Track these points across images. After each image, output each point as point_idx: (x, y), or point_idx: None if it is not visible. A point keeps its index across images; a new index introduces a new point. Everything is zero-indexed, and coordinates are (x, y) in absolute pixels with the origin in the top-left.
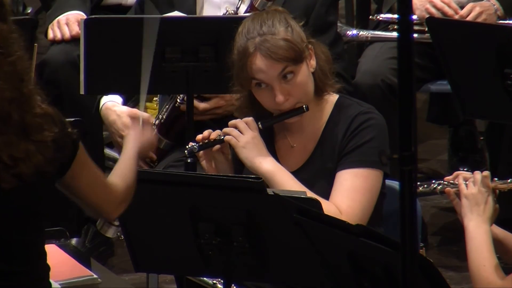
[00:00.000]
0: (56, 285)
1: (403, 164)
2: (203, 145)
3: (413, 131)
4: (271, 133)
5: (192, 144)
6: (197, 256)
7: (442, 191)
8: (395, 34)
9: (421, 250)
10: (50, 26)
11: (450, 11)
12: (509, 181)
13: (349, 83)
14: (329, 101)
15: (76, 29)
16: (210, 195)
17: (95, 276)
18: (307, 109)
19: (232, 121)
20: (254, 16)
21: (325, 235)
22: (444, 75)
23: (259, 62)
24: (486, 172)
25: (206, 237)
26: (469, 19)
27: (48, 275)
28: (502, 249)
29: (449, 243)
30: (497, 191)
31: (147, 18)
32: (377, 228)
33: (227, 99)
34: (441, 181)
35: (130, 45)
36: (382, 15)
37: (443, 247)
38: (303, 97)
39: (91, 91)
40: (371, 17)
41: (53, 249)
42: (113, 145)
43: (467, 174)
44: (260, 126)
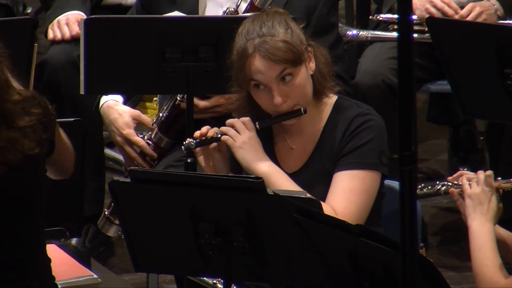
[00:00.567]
0: None
1: (403, 164)
2: (201, 142)
3: (413, 131)
4: (270, 135)
5: (189, 140)
6: (197, 256)
7: (446, 192)
8: (395, 34)
9: (421, 250)
10: (50, 26)
11: (450, 11)
12: None
13: (349, 85)
14: (328, 102)
15: (76, 29)
16: (210, 195)
17: (95, 276)
18: (305, 111)
19: (229, 120)
20: (254, 17)
21: (325, 235)
22: (444, 75)
23: (258, 63)
24: (489, 171)
25: (206, 237)
26: (469, 19)
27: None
28: (505, 249)
29: (449, 243)
30: (500, 191)
31: (147, 18)
32: (377, 228)
33: (228, 97)
34: (445, 181)
35: (130, 45)
36: (382, 15)
37: (443, 247)
38: (301, 99)
39: (91, 91)
40: (371, 17)
41: (53, 249)
42: (113, 145)
43: (471, 174)
44: (257, 126)
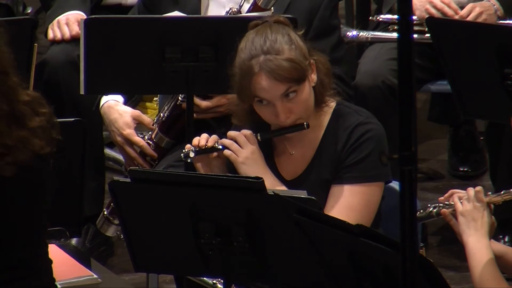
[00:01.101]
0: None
1: (403, 164)
2: (200, 150)
3: (413, 131)
4: (269, 140)
5: (189, 148)
6: (197, 256)
7: (438, 213)
8: (395, 34)
9: (421, 250)
10: (50, 26)
11: (450, 12)
12: (502, 193)
13: (349, 87)
14: (327, 109)
15: (76, 29)
16: (210, 195)
17: (95, 276)
18: (308, 126)
19: (231, 133)
20: (257, 31)
21: (325, 235)
22: (444, 75)
23: (263, 82)
24: (478, 187)
25: (206, 237)
26: (469, 19)
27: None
28: (501, 264)
29: (449, 243)
30: (491, 206)
31: (147, 18)
32: (376, 228)
33: (229, 97)
34: (436, 203)
35: (130, 45)
36: (382, 16)
37: (443, 247)
38: (304, 113)
39: (91, 91)
40: (371, 17)
41: (53, 249)
42: (113, 145)
43: (461, 192)
44: (258, 138)
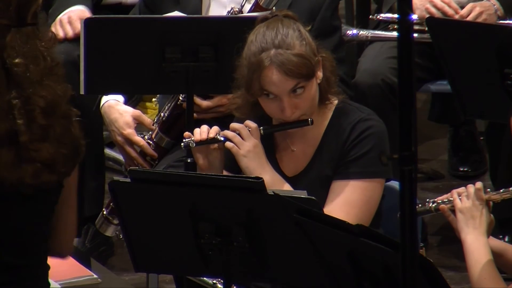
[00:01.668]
0: (56, 285)
1: (403, 164)
2: (201, 141)
3: (413, 131)
4: (271, 136)
5: (188, 136)
6: (197, 256)
7: (437, 209)
8: (395, 33)
9: (421, 250)
10: (52, 25)
11: (450, 11)
12: (502, 191)
13: (350, 87)
14: (330, 106)
15: (79, 27)
16: (210, 195)
17: (95, 276)
18: (312, 123)
19: (234, 125)
20: (268, 24)
21: (325, 235)
22: (444, 75)
23: (273, 76)
24: (478, 184)
25: (206, 237)
26: (469, 19)
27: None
28: (500, 261)
29: (449, 243)
30: (490, 203)
31: (147, 18)
32: (377, 228)
33: (230, 97)
34: (436, 199)
35: (130, 45)
36: (382, 15)
37: (443, 247)
38: (309, 110)
39: (91, 91)
40: (371, 16)
41: None
42: (113, 145)
43: (461, 189)
44: (261, 132)
